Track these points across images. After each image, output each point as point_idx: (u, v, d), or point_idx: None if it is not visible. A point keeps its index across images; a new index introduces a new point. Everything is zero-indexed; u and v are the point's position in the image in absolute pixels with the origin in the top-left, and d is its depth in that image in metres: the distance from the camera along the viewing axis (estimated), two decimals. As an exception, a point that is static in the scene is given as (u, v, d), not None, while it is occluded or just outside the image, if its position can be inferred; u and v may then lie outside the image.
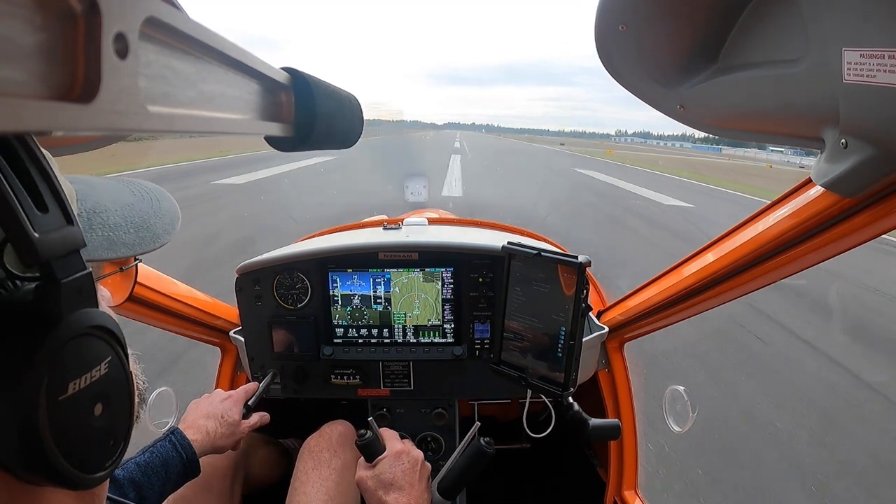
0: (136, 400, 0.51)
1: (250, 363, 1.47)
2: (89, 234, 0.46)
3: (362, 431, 1.05)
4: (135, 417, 0.50)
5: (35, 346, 0.34)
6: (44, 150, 0.38)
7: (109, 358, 0.40)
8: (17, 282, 0.36)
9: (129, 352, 0.50)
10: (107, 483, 0.47)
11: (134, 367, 0.52)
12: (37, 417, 0.33)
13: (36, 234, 0.34)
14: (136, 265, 0.62)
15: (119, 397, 0.41)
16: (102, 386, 0.39)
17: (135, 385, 0.48)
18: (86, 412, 0.38)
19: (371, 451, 1.05)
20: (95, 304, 0.39)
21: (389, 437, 1.10)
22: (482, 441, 1.08)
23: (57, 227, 0.36)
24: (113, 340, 0.40)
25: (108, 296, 0.58)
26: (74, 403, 0.36)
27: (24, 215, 0.33)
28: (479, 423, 1.12)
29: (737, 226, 1.01)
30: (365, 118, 0.48)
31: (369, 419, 1.10)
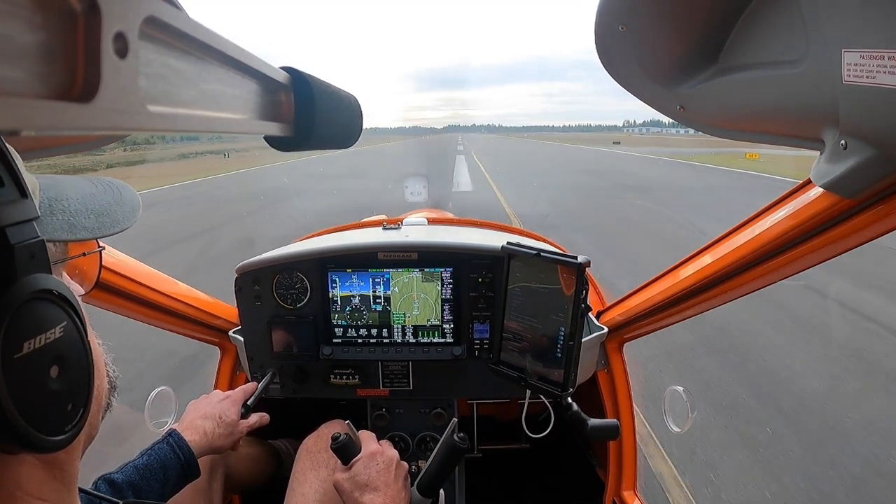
0: (107, 386, 0.53)
1: (249, 363, 1.47)
2: (50, 219, 0.48)
3: (336, 434, 1.05)
4: (103, 397, 0.51)
5: None
6: None
7: (64, 323, 0.41)
8: None
9: (99, 342, 0.52)
10: (76, 459, 0.48)
11: (104, 354, 0.53)
12: None
13: None
14: (100, 251, 0.64)
15: (75, 362, 0.42)
16: (58, 349, 0.40)
17: (98, 359, 0.48)
18: (42, 373, 0.39)
19: (346, 453, 1.05)
20: (49, 271, 0.41)
21: (366, 438, 1.10)
22: (456, 437, 1.09)
23: (11, 199, 0.38)
24: (68, 308, 0.42)
25: (79, 289, 0.60)
26: (30, 363, 0.37)
27: None
28: (456, 420, 1.13)
29: (737, 226, 1.01)
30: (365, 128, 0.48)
31: (346, 422, 1.10)
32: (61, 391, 0.40)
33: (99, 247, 0.65)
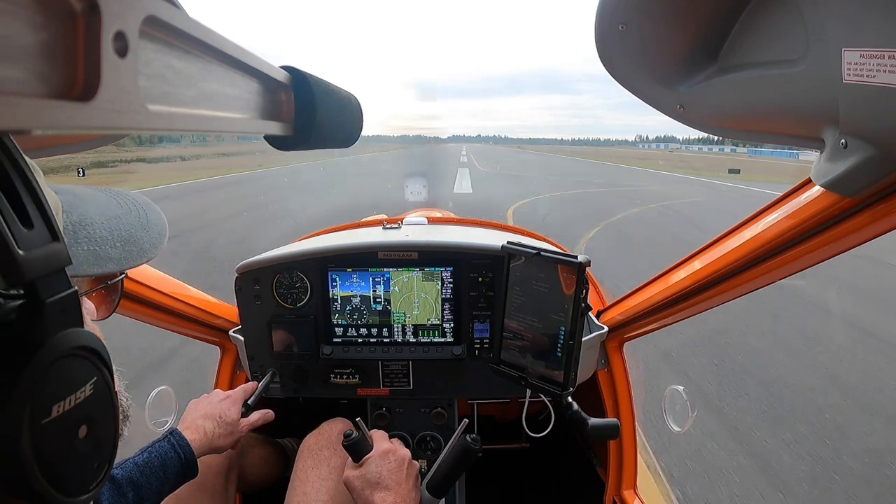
0: (120, 416, 0.49)
1: (250, 362, 1.47)
2: (75, 249, 0.45)
3: (348, 432, 1.06)
4: (119, 436, 0.48)
5: (18, 368, 0.33)
6: (28, 160, 0.36)
7: (94, 379, 0.39)
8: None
9: (114, 368, 0.49)
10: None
11: (118, 382, 0.50)
12: (19, 442, 0.33)
13: (21, 252, 0.33)
14: (122, 279, 0.60)
15: (104, 418, 0.40)
16: (87, 408, 0.38)
17: (119, 404, 0.46)
18: (70, 435, 0.37)
19: (358, 451, 1.05)
20: (80, 323, 0.38)
21: (378, 437, 1.10)
22: (468, 438, 1.09)
23: (42, 244, 0.35)
24: (98, 361, 0.39)
25: (92, 309, 0.57)
26: (59, 426, 0.35)
27: (8, 233, 0.32)
28: (467, 421, 1.13)
29: (737, 225, 1.01)
30: (368, 135, 0.48)
31: (357, 420, 1.10)
32: (89, 451, 0.39)
33: (121, 274, 0.59)
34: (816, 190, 0.77)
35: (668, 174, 30.72)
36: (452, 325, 1.44)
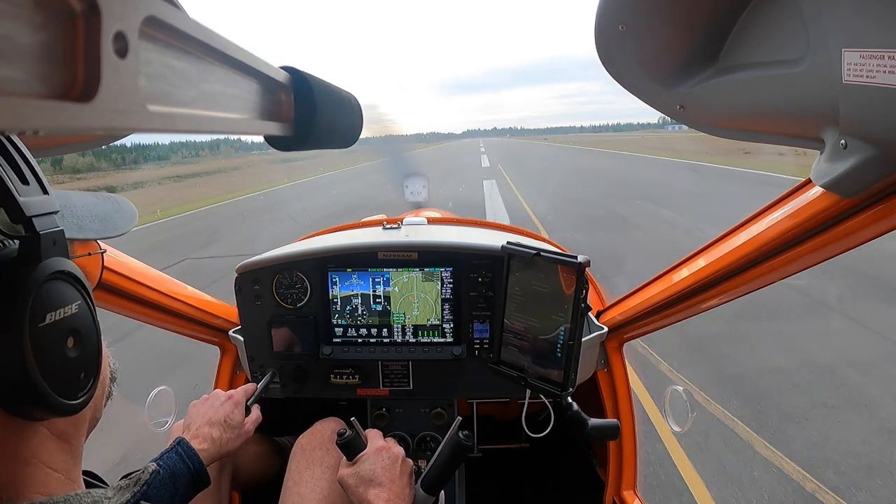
0: (109, 376, 0.59)
1: (250, 363, 1.47)
2: (61, 221, 0.52)
3: (342, 430, 1.07)
4: (106, 384, 0.57)
5: (21, 280, 0.43)
6: (17, 139, 0.47)
7: (79, 301, 0.48)
8: (6, 241, 0.46)
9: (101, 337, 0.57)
10: (82, 436, 0.54)
11: (106, 350, 0.58)
12: (21, 339, 0.41)
13: (21, 198, 0.44)
14: (102, 253, 0.71)
15: (88, 336, 0.49)
16: (74, 323, 0.47)
17: (102, 350, 0.54)
18: (60, 342, 0.46)
19: (352, 449, 1.06)
20: (68, 256, 0.48)
21: (372, 435, 1.11)
22: (461, 434, 1.09)
23: (36, 194, 0.46)
24: (82, 289, 0.49)
25: None
26: (51, 332, 0.44)
27: (11, 184, 0.44)
28: (460, 418, 1.13)
29: (737, 226, 1.01)
30: (379, 135, 0.47)
31: (351, 419, 1.10)
32: (76, 360, 0.47)
33: (101, 249, 0.71)
34: (816, 190, 0.77)
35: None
36: (452, 325, 1.44)
